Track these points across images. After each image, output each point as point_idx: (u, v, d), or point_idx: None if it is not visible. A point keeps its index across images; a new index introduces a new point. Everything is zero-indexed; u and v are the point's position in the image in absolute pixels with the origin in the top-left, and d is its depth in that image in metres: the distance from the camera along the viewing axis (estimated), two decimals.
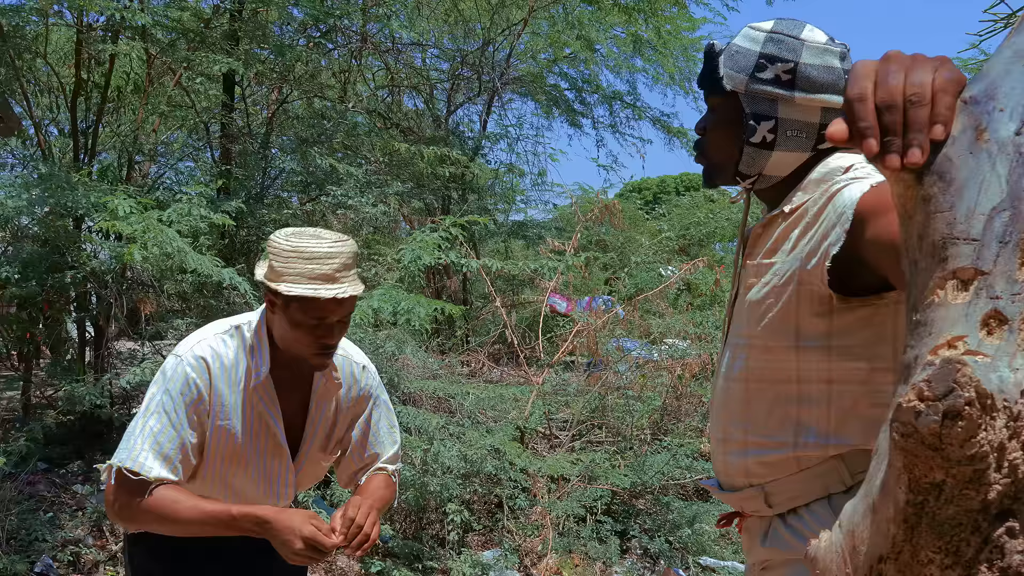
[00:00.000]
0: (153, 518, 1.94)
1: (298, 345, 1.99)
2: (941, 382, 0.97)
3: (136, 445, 1.95)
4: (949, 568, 1.02)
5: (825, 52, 1.57)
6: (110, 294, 5.93)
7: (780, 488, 1.59)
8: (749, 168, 1.63)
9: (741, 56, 1.60)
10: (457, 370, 7.02)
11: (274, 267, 1.93)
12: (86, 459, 5.95)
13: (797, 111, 1.57)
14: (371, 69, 10.26)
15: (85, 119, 6.61)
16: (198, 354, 2.01)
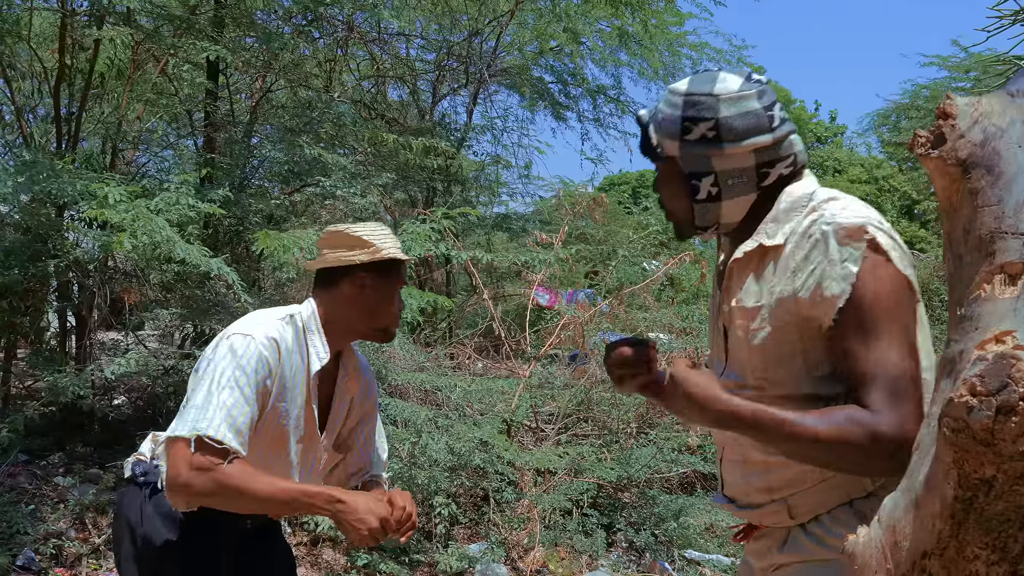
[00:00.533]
0: (230, 491, 1.94)
1: (386, 316, 2.20)
2: (995, 377, 0.96)
3: (213, 416, 1.95)
4: (995, 564, 1.02)
5: (740, 100, 1.64)
6: (93, 283, 5.85)
7: (803, 500, 1.64)
8: (704, 221, 1.72)
9: (667, 123, 1.69)
10: (443, 363, 6.99)
11: (370, 244, 2.13)
12: (67, 450, 5.87)
13: (731, 160, 1.65)
14: (356, 59, 10.18)
15: (68, 105, 6.50)
16: (270, 335, 2.07)
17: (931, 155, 1.12)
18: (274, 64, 7.43)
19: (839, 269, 1.52)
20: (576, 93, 11.52)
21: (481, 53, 10.14)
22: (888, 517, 1.16)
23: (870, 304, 1.50)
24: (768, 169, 1.66)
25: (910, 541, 1.10)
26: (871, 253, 1.52)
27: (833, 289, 1.53)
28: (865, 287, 1.50)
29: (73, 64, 6.51)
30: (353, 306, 2.17)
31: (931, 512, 1.07)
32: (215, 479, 1.91)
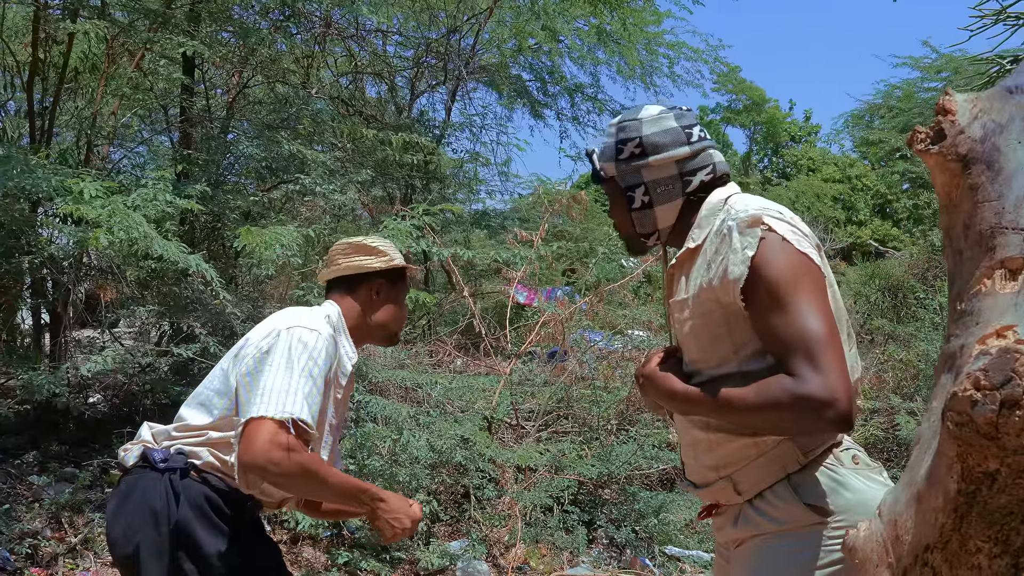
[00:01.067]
0: (308, 476, 2.02)
1: (396, 321, 2.43)
2: (999, 371, 0.97)
3: (300, 402, 2.04)
4: (998, 557, 1.02)
5: (659, 120, 1.94)
6: (68, 280, 5.77)
7: (745, 476, 1.81)
8: (644, 228, 1.97)
9: (607, 149, 1.99)
10: (423, 360, 6.97)
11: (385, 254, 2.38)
12: (42, 449, 5.79)
13: (656, 171, 1.92)
14: (334, 55, 10.12)
15: (42, 100, 6.41)
16: (329, 333, 2.21)
17: (931, 151, 1.13)
18: (251, 59, 7.36)
19: (739, 255, 1.71)
20: (554, 91, 11.52)
21: (459, 50, 10.12)
22: (889, 511, 1.16)
23: (770, 279, 1.67)
24: (690, 177, 1.92)
25: (912, 535, 1.10)
26: (768, 237, 1.70)
27: (734, 272, 1.71)
28: (762, 265, 1.68)
29: (47, 58, 6.42)
30: (368, 311, 2.38)
31: (934, 506, 1.08)
32: (302, 462, 1.99)
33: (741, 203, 1.82)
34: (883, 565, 1.12)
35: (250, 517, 2.25)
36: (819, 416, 1.55)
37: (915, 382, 6.87)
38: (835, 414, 1.54)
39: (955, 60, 17.06)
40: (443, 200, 9.59)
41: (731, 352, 1.77)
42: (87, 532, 4.87)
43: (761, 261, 1.68)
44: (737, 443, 1.80)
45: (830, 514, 1.69)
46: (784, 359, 1.63)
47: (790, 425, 1.65)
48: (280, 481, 2.03)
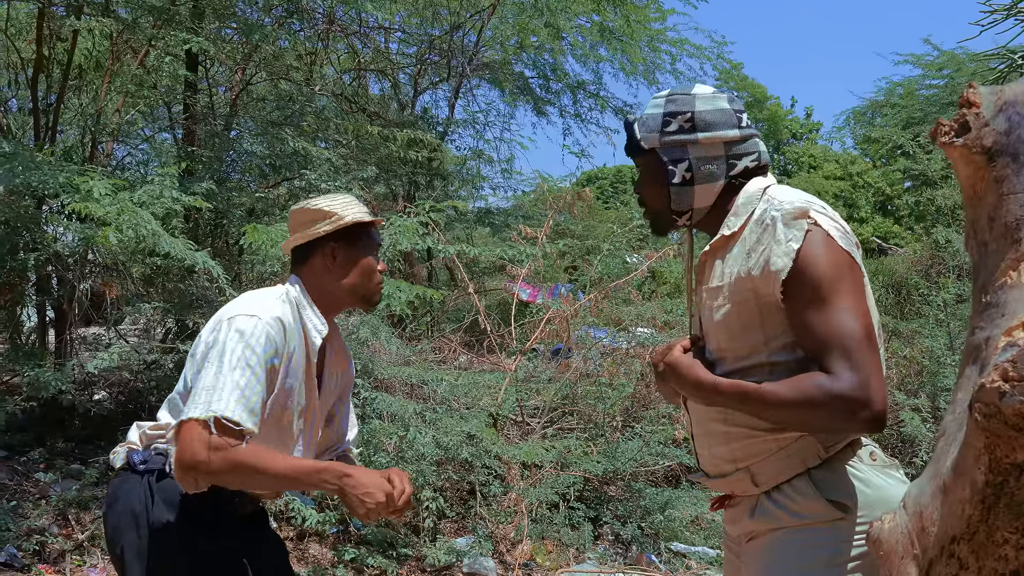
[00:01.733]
0: (246, 469, 1.96)
1: (364, 281, 2.24)
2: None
3: (227, 397, 1.96)
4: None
5: (714, 98, 1.91)
6: (73, 277, 5.77)
7: (763, 468, 1.80)
8: (679, 205, 1.92)
9: (650, 120, 1.94)
10: (428, 357, 6.97)
11: (334, 214, 2.19)
12: (48, 446, 5.80)
13: (703, 149, 1.89)
14: (337, 52, 10.12)
15: (46, 97, 6.41)
16: (274, 314, 2.09)
17: (955, 144, 1.13)
18: (254, 56, 7.36)
19: (783, 247, 1.70)
20: (557, 88, 11.51)
21: (463, 47, 10.11)
22: (914, 503, 1.16)
23: (814, 275, 1.67)
24: (735, 161, 1.89)
25: (938, 526, 1.11)
26: (813, 231, 1.69)
27: (777, 264, 1.70)
28: (807, 261, 1.68)
29: (51, 55, 6.42)
30: (329, 278, 2.22)
31: (960, 497, 1.08)
32: (231, 458, 1.93)
33: (783, 194, 1.81)
34: (908, 557, 1.12)
35: (242, 513, 2.21)
36: (853, 416, 1.57)
37: (919, 379, 6.87)
38: (869, 414, 1.56)
39: (957, 58, 17.02)
40: (446, 197, 9.59)
41: (761, 343, 1.77)
42: (94, 529, 4.88)
43: (805, 255, 1.68)
44: (756, 437, 1.80)
45: (850, 509, 1.68)
46: (821, 356, 1.64)
47: (823, 423, 1.66)
48: (213, 480, 2.00)
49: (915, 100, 17.68)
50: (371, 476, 2.01)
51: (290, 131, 6.67)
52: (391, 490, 2.00)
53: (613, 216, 14.18)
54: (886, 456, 1.81)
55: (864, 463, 1.74)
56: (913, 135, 13.45)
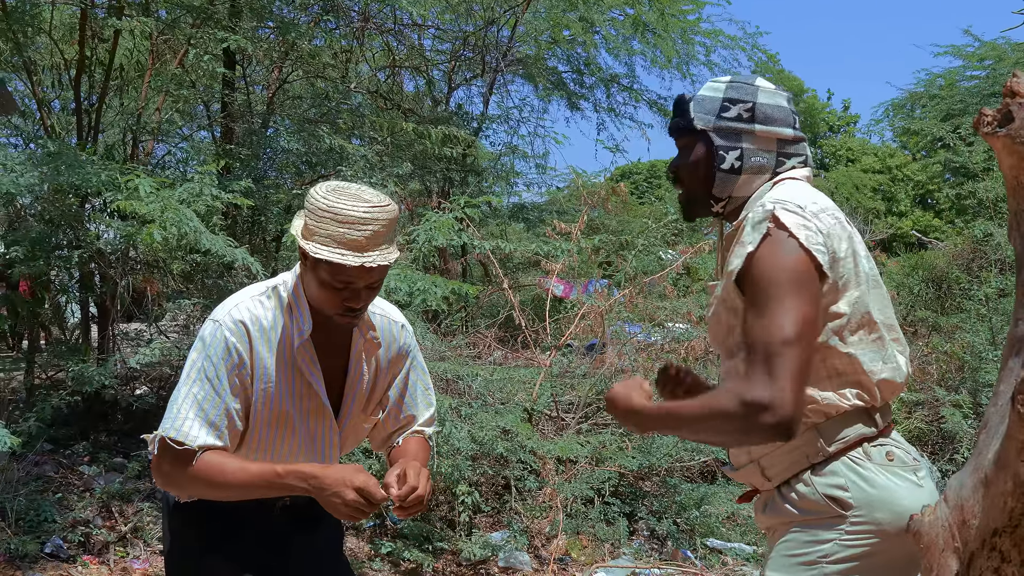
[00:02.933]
0: (201, 484, 1.97)
1: (324, 304, 1.99)
2: None
3: (180, 413, 1.95)
4: None
5: (775, 94, 1.91)
6: (116, 274, 5.88)
7: (771, 462, 1.82)
8: (721, 191, 1.92)
9: (707, 102, 1.93)
10: (463, 352, 7.00)
11: (308, 224, 1.93)
12: (91, 440, 5.91)
13: (758, 141, 1.89)
14: (372, 49, 10.18)
15: (88, 97, 6.52)
16: (236, 318, 1.99)
17: (998, 133, 1.12)
18: (291, 54, 7.43)
19: (742, 248, 1.72)
20: (590, 82, 11.48)
21: (496, 43, 10.12)
22: (955, 496, 1.15)
23: (756, 278, 1.67)
24: (785, 159, 1.90)
25: (979, 519, 1.10)
26: (773, 232, 1.69)
27: (732, 264, 1.73)
28: (755, 263, 1.68)
29: (93, 56, 6.53)
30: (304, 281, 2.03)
31: (1002, 490, 1.07)
32: (182, 474, 1.95)
33: (775, 193, 1.81)
34: (949, 550, 1.12)
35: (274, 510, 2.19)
36: (756, 420, 1.57)
37: (960, 374, 6.77)
38: (772, 419, 1.55)
39: (998, 48, 16.71)
40: (480, 193, 9.61)
41: (735, 346, 1.75)
42: (136, 521, 4.97)
43: (756, 258, 1.69)
44: None
45: (849, 508, 1.66)
46: (744, 359, 1.65)
47: (733, 429, 1.65)
48: (180, 495, 2.04)
49: (956, 91, 17.39)
50: (340, 473, 1.89)
51: (326, 128, 6.72)
52: (362, 483, 1.87)
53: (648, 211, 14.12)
54: (912, 457, 1.75)
55: (873, 462, 1.70)
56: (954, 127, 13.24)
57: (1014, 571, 1.06)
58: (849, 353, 1.73)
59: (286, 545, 2.23)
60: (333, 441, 2.19)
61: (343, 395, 2.18)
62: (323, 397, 2.11)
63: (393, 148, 8.03)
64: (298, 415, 2.10)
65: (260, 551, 2.18)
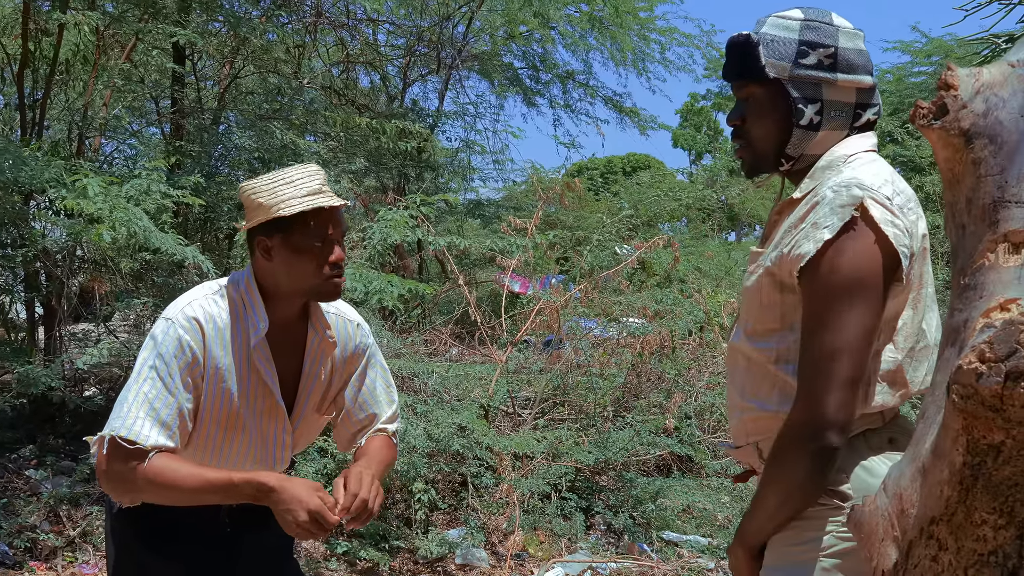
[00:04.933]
0: (153, 487, 1.90)
1: (309, 277, 1.99)
2: (1004, 344, 0.97)
3: (131, 412, 1.89)
4: (1003, 528, 1.03)
5: (855, 36, 1.68)
6: (62, 273, 5.75)
7: (769, 445, 1.69)
8: (795, 150, 1.72)
9: (780, 44, 1.68)
10: (419, 349, 6.97)
11: (263, 204, 1.95)
12: (38, 443, 5.78)
13: (839, 92, 1.67)
14: (325, 45, 10.09)
15: (32, 92, 6.37)
16: (190, 315, 1.97)
17: (933, 126, 1.13)
18: (242, 49, 7.33)
19: (817, 233, 1.55)
20: (547, 78, 11.50)
21: (452, 38, 10.09)
22: (894, 485, 1.17)
23: (832, 274, 1.52)
24: (861, 111, 1.69)
25: (918, 508, 1.11)
26: (859, 225, 1.52)
27: (801, 248, 1.57)
28: (834, 255, 1.53)
29: (37, 50, 6.38)
30: (272, 271, 2.00)
31: (939, 479, 1.08)
32: (133, 476, 1.88)
33: (858, 172, 1.61)
34: (888, 539, 1.13)
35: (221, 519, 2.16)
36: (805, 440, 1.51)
37: None
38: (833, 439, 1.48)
39: (945, 44, 17.03)
40: (437, 189, 9.59)
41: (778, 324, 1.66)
42: (85, 525, 4.88)
43: (833, 250, 1.53)
44: (764, 413, 1.71)
45: (847, 499, 1.54)
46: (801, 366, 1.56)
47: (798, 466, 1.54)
48: (126, 496, 1.98)
49: (904, 87, 17.70)
50: (298, 490, 1.85)
51: (279, 124, 6.64)
52: (317, 507, 1.83)
53: (603, 207, 14.19)
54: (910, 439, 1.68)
55: (872, 449, 1.62)
56: (902, 122, 13.48)
57: (951, 558, 1.08)
58: (897, 360, 1.62)
59: (235, 545, 2.19)
60: (285, 442, 2.17)
61: (297, 394, 2.15)
62: (278, 396, 2.09)
63: (347, 144, 7.96)
64: (250, 415, 2.07)
65: (208, 552, 2.15)
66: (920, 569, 1.11)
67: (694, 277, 9.39)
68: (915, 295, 1.62)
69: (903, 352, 1.62)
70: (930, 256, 1.68)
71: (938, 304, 1.71)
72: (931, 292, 1.68)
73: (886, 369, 1.62)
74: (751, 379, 1.74)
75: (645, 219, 13.45)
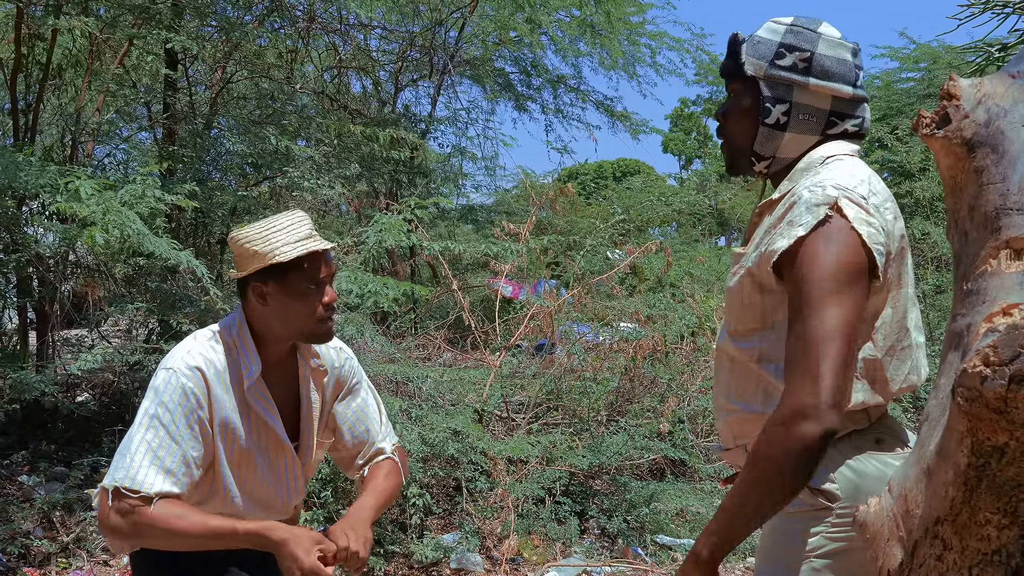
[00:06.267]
0: (156, 533, 1.92)
1: (303, 319, 2.06)
2: (1008, 347, 1.00)
3: (133, 463, 1.93)
4: (1007, 528, 1.05)
5: (839, 46, 1.71)
6: (55, 278, 5.74)
7: None
8: (763, 148, 1.76)
9: (762, 45, 1.74)
10: (413, 354, 6.98)
11: (258, 252, 2.01)
12: (31, 449, 5.76)
13: (810, 96, 1.70)
14: (317, 50, 10.09)
15: (25, 97, 6.35)
16: (191, 364, 2.02)
17: (936, 135, 1.15)
18: (235, 55, 7.33)
19: (791, 230, 1.57)
20: (538, 84, 11.52)
21: (444, 44, 10.11)
22: (899, 487, 1.19)
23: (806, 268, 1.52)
24: (837, 120, 1.71)
25: (923, 509, 1.13)
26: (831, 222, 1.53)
27: (775, 244, 1.59)
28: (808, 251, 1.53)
29: (30, 55, 6.36)
30: (265, 315, 2.07)
31: (944, 480, 1.10)
32: (134, 523, 1.90)
33: (833, 173, 1.62)
34: (894, 539, 1.15)
35: None
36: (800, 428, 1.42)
37: None
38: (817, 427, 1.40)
39: (933, 51, 17.14)
40: (429, 195, 9.59)
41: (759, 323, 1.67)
42: (79, 531, 4.86)
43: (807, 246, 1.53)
44: (746, 415, 1.72)
45: (835, 500, 1.55)
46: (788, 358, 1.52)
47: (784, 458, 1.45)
48: (129, 543, 2.00)
49: (892, 92, 17.80)
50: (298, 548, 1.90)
51: (272, 130, 6.64)
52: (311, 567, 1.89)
53: (595, 212, 14.23)
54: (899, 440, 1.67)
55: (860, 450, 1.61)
56: (891, 127, 13.55)
57: (955, 558, 1.10)
58: (876, 358, 1.63)
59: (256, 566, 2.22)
60: (296, 473, 2.22)
61: (300, 425, 2.21)
62: (280, 433, 2.15)
63: (340, 150, 7.96)
64: (260, 453, 2.13)
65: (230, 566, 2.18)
66: (925, 568, 1.13)
67: (686, 282, 9.42)
68: (894, 294, 1.63)
69: (882, 351, 1.63)
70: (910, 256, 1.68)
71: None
72: (911, 293, 1.67)
73: (865, 367, 1.62)
74: (736, 380, 1.76)
75: (636, 224, 13.50)
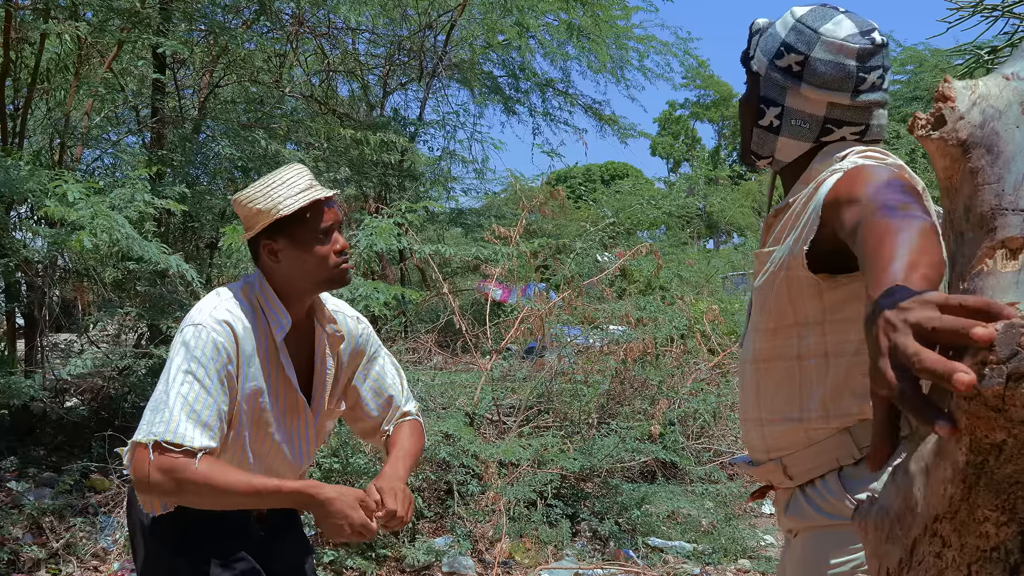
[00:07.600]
0: (202, 490, 1.88)
1: (318, 268, 2.05)
2: (1005, 346, 1.01)
3: (173, 416, 1.88)
4: (1005, 525, 1.06)
5: (839, 50, 1.60)
6: (44, 283, 5.71)
7: (795, 461, 1.65)
8: (760, 149, 1.72)
9: (770, 39, 1.67)
10: (404, 357, 6.97)
11: (262, 210, 2.02)
12: (19, 454, 5.73)
13: (802, 102, 1.63)
14: (304, 53, 10.09)
15: (13, 101, 6.32)
16: (220, 318, 2.00)
17: (931, 136, 1.16)
18: (223, 58, 7.32)
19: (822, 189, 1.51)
20: (526, 87, 11.55)
21: (433, 48, 10.11)
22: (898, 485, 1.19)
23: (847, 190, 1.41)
24: (833, 127, 1.62)
25: (921, 507, 1.14)
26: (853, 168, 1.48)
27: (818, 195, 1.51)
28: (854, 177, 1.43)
29: (18, 59, 6.33)
30: (282, 271, 2.08)
31: (942, 477, 1.11)
32: (181, 479, 1.87)
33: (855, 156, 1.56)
34: (893, 537, 1.16)
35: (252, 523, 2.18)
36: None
37: None
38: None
39: (919, 53, 17.30)
40: (418, 198, 9.59)
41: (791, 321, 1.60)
42: (69, 537, 4.83)
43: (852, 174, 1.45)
44: (783, 426, 1.65)
45: None
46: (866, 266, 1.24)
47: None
48: (168, 500, 1.98)
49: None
50: (345, 504, 1.92)
51: (261, 133, 6.63)
52: (361, 522, 1.93)
53: (585, 215, 14.25)
54: None
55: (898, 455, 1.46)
56: None
57: (954, 555, 1.11)
58: None
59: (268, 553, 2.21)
60: (310, 436, 2.22)
61: (312, 389, 2.21)
62: (298, 392, 2.14)
63: (330, 153, 7.96)
64: (276, 413, 2.12)
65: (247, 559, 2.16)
66: (924, 566, 1.14)
67: (676, 284, 9.45)
68: None
69: None
70: None
71: None
72: None
73: None
74: (768, 388, 1.68)
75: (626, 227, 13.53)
